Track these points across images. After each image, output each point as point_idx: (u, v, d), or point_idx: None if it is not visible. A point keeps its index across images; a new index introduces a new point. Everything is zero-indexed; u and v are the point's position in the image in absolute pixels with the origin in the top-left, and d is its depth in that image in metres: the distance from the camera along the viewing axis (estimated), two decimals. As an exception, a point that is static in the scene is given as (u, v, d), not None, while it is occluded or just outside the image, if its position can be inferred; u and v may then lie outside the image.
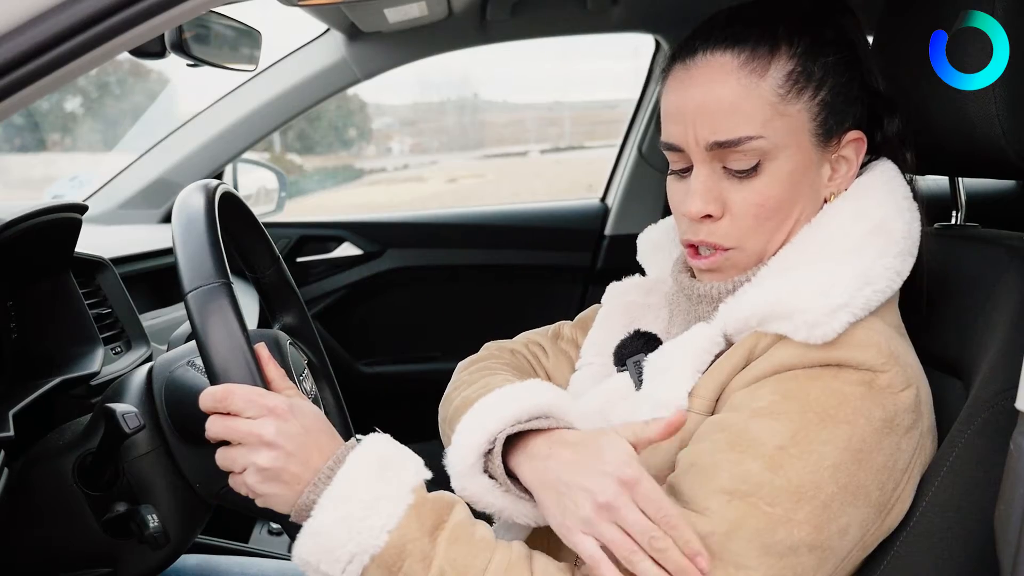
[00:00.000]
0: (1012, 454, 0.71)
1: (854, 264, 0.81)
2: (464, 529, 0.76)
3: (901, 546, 0.81)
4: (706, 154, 0.84)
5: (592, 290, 2.45)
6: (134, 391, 1.01)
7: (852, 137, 0.87)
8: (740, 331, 0.84)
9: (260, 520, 1.83)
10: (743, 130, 0.82)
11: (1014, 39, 0.86)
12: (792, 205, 0.85)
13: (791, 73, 0.83)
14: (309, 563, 0.75)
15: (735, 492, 0.74)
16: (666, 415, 0.78)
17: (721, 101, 0.82)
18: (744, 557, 0.73)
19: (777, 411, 0.76)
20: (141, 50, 1.27)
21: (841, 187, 0.88)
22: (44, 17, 0.70)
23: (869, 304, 0.79)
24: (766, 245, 0.87)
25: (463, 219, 2.48)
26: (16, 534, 0.97)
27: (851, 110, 0.87)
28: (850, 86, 0.87)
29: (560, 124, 12.51)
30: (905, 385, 0.78)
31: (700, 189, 0.85)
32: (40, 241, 1.12)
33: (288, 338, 1.03)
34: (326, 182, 10.32)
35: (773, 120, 0.83)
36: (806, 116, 0.84)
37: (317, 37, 2.07)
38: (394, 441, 0.80)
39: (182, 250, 0.84)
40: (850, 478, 0.75)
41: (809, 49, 0.84)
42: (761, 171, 0.84)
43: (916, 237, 0.85)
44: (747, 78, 0.82)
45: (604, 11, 2.09)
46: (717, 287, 0.88)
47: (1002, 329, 0.84)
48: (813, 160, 0.86)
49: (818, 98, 0.84)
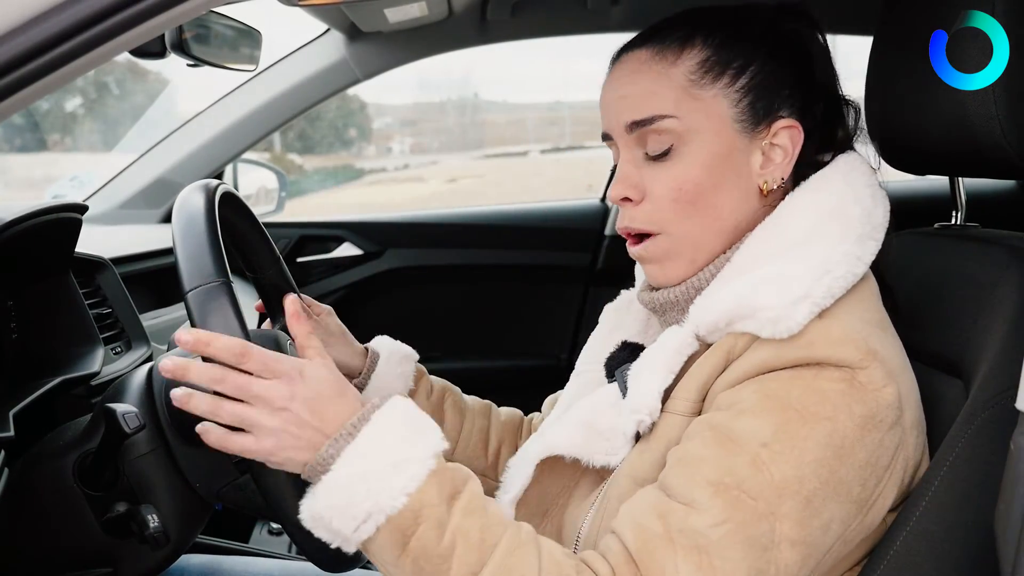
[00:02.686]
0: (1012, 454, 0.71)
1: (812, 253, 0.82)
2: (479, 501, 0.76)
3: (901, 545, 0.81)
4: (627, 138, 0.89)
5: (592, 290, 2.46)
6: (134, 391, 1.01)
7: (784, 125, 0.88)
8: (711, 332, 0.84)
9: (260, 520, 1.83)
10: (656, 109, 0.87)
11: (1014, 39, 0.86)
12: (714, 191, 0.87)
13: (704, 61, 0.87)
14: (322, 518, 0.73)
15: (720, 484, 0.75)
16: (640, 417, 0.83)
17: (635, 86, 0.88)
18: (729, 550, 0.73)
19: (759, 410, 0.77)
20: (141, 50, 1.28)
21: (777, 175, 0.88)
22: (44, 17, 0.70)
23: (832, 292, 0.80)
24: (698, 234, 0.88)
25: (463, 219, 2.48)
26: (16, 534, 0.97)
27: (781, 98, 0.88)
28: (780, 75, 0.88)
29: (560, 124, 12.52)
30: (886, 382, 0.79)
31: (620, 175, 0.90)
32: (40, 241, 1.12)
33: (288, 338, 1.03)
34: (326, 182, 10.33)
35: (685, 102, 0.86)
36: (725, 102, 0.87)
37: (317, 37, 2.07)
38: (416, 406, 0.79)
39: (182, 249, 0.84)
40: (832, 473, 0.76)
41: (727, 40, 0.87)
42: (676, 154, 0.87)
43: (879, 222, 0.86)
44: (658, 65, 0.88)
45: (604, 11, 2.09)
46: (673, 292, 0.90)
47: (1002, 329, 0.84)
48: (737, 146, 0.87)
49: (738, 84, 0.87)
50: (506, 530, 0.75)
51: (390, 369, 1.12)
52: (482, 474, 1.16)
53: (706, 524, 0.74)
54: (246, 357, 0.76)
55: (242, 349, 0.76)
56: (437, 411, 1.15)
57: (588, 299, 2.46)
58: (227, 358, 0.76)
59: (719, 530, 0.74)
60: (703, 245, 0.88)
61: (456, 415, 1.16)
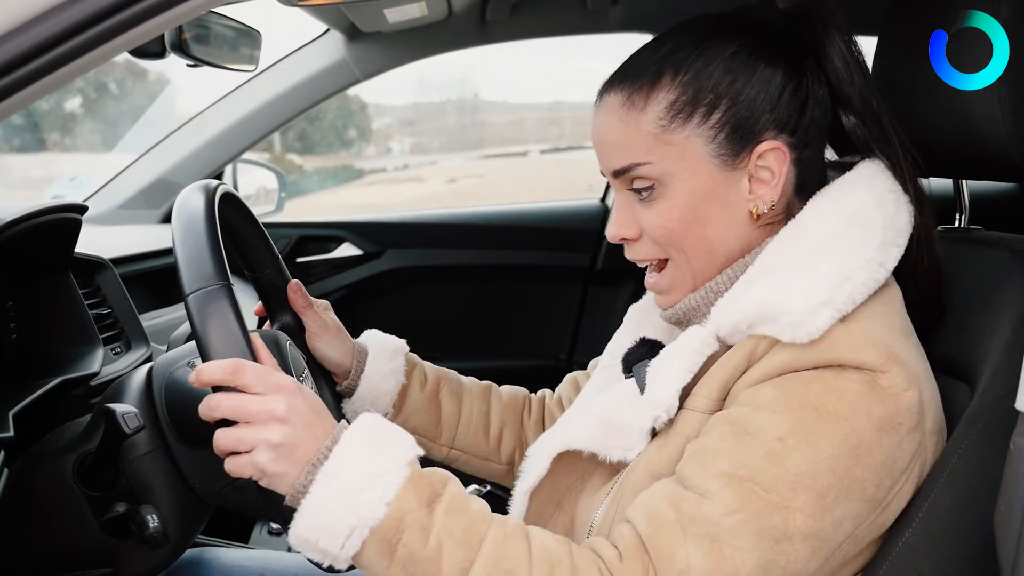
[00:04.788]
0: (1012, 454, 0.71)
1: (833, 260, 0.82)
2: (460, 501, 0.77)
3: (904, 546, 0.81)
4: (616, 181, 0.91)
5: (591, 290, 2.46)
6: (134, 391, 1.01)
7: (766, 148, 0.87)
8: (732, 334, 0.85)
9: (260, 520, 1.83)
10: (630, 158, 0.88)
11: (1019, 41, 0.85)
12: (701, 226, 0.88)
13: (673, 104, 0.86)
14: (308, 541, 0.75)
15: (734, 476, 0.76)
16: (657, 414, 0.84)
17: (609, 135, 0.90)
18: (740, 539, 0.74)
19: (778, 406, 0.78)
20: (141, 50, 1.28)
21: (767, 199, 0.88)
22: (44, 17, 0.70)
23: (853, 298, 0.80)
24: (692, 264, 0.89)
25: (463, 219, 2.48)
26: (16, 534, 0.97)
27: (762, 122, 0.87)
28: (758, 100, 0.86)
29: (560, 124, 12.51)
30: (907, 386, 0.79)
31: (615, 214, 0.93)
32: (40, 241, 1.12)
33: (288, 338, 1.03)
34: (326, 182, 10.32)
35: (658, 148, 0.87)
36: (699, 141, 0.87)
37: (317, 37, 2.07)
38: (385, 420, 0.81)
39: (182, 251, 0.84)
40: (846, 471, 0.76)
41: (697, 75, 0.86)
42: (658, 195, 0.88)
43: (902, 228, 0.85)
44: (628, 113, 0.88)
45: (604, 11, 2.09)
46: (692, 299, 0.91)
47: (1006, 332, 0.84)
48: (718, 179, 0.87)
49: (711, 121, 0.86)
50: (491, 525, 0.76)
51: (380, 367, 1.13)
52: (485, 458, 1.17)
53: (718, 513, 0.75)
54: (240, 372, 0.77)
55: (234, 366, 0.78)
56: (433, 401, 1.15)
57: (588, 299, 2.46)
58: (223, 380, 0.78)
59: (731, 519, 0.74)
60: (700, 273, 0.90)
61: (453, 403, 1.16)
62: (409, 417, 1.14)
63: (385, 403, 1.12)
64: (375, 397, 1.12)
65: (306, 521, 0.75)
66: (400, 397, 1.13)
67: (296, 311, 1.13)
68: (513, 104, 13.12)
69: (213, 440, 0.78)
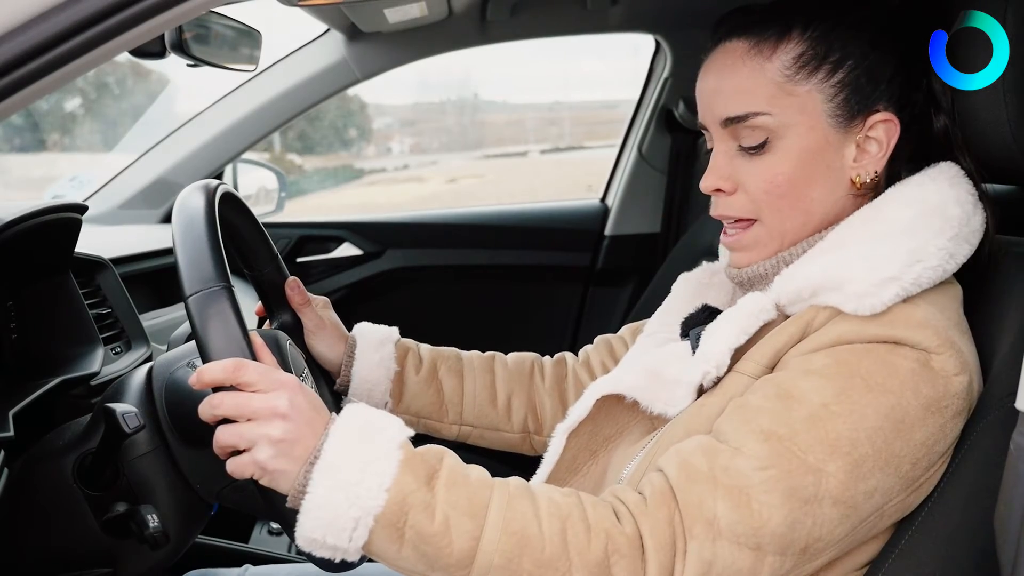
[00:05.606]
0: (1012, 454, 0.71)
1: (907, 242, 0.82)
2: (459, 473, 0.77)
3: (906, 544, 0.82)
4: (722, 131, 0.90)
5: (592, 290, 2.46)
6: (134, 391, 1.01)
7: (880, 119, 0.88)
8: (793, 303, 0.86)
9: (260, 520, 1.83)
10: (749, 106, 0.87)
11: (1021, 43, 0.85)
12: (806, 184, 0.88)
13: (800, 56, 0.87)
14: (315, 540, 0.75)
15: (772, 434, 0.76)
16: (707, 368, 0.85)
17: (730, 81, 0.89)
18: (769, 495, 0.74)
19: (827, 373, 0.79)
20: (141, 50, 1.27)
21: (871, 169, 0.89)
22: (44, 17, 0.70)
23: (920, 281, 0.81)
24: (788, 225, 0.89)
25: (463, 219, 2.48)
26: (16, 534, 0.97)
27: (879, 92, 0.88)
28: (879, 68, 0.87)
29: (560, 124, 12.51)
30: (959, 370, 0.79)
31: (713, 166, 0.91)
32: (40, 241, 1.12)
33: (288, 338, 1.03)
34: (326, 182, 10.32)
35: (780, 98, 0.87)
36: (819, 97, 0.87)
37: (317, 37, 2.07)
38: (370, 407, 0.81)
39: (182, 252, 0.84)
40: (886, 444, 0.77)
41: (827, 33, 0.87)
42: (770, 148, 0.88)
43: (976, 228, 0.86)
44: (753, 60, 0.88)
45: (604, 11, 2.09)
46: (762, 266, 0.91)
47: (1011, 335, 0.85)
48: (831, 140, 0.88)
49: (834, 79, 0.87)
50: (493, 490, 0.77)
51: (368, 359, 1.13)
52: (496, 429, 1.17)
53: (751, 467, 0.75)
54: (242, 370, 0.77)
55: (236, 365, 0.78)
56: (431, 382, 1.15)
57: (588, 299, 2.46)
58: (225, 379, 0.77)
59: (762, 474, 0.75)
60: (790, 235, 0.90)
61: (454, 379, 1.16)
62: (411, 402, 1.14)
63: (380, 394, 1.13)
64: (368, 389, 1.12)
65: (310, 520, 0.74)
66: (397, 384, 1.14)
67: (293, 308, 1.13)
68: (513, 104, 13.13)
69: (214, 438, 0.78)
